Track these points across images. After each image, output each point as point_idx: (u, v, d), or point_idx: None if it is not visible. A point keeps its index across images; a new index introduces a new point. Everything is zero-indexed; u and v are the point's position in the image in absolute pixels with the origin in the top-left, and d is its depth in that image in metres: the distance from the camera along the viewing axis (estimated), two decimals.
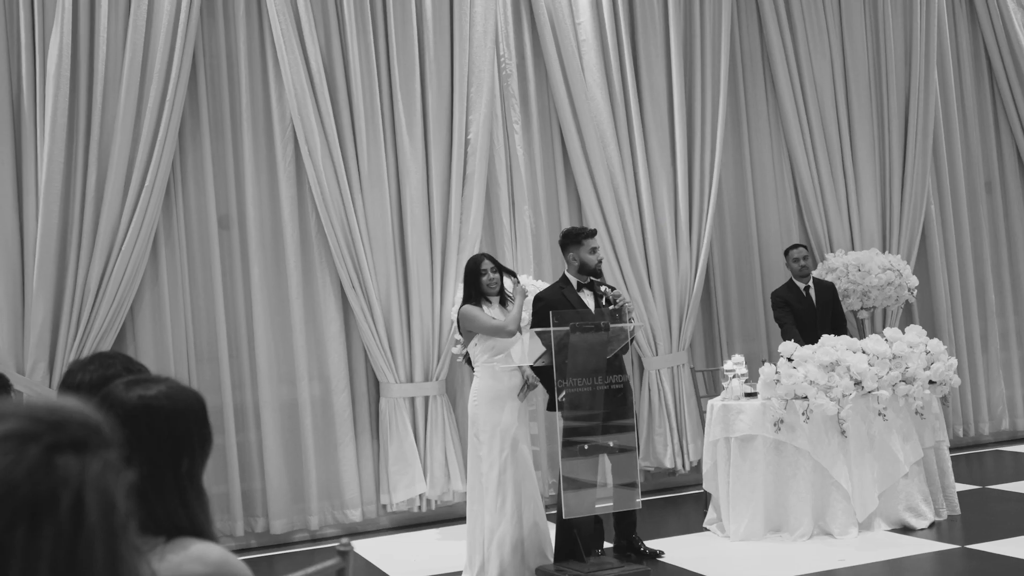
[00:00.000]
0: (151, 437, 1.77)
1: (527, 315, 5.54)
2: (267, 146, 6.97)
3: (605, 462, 5.34)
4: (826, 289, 7.42)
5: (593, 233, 5.65)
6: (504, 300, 5.44)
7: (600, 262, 5.61)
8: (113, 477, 1.00)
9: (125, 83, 6.46)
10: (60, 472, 0.97)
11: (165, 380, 1.85)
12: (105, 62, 6.44)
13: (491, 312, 5.34)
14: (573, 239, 5.61)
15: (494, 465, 5.22)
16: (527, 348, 5.22)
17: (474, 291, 5.36)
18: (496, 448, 5.22)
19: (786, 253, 7.56)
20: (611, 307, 5.29)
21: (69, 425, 1.00)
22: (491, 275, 5.33)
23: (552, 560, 5.26)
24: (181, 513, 1.76)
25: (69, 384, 2.34)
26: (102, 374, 2.32)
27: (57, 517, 0.95)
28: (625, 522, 5.71)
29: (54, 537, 0.95)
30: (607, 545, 5.77)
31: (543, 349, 5.07)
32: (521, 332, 5.44)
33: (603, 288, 5.47)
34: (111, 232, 6.45)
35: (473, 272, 5.38)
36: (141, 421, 1.77)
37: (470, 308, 5.33)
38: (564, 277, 5.65)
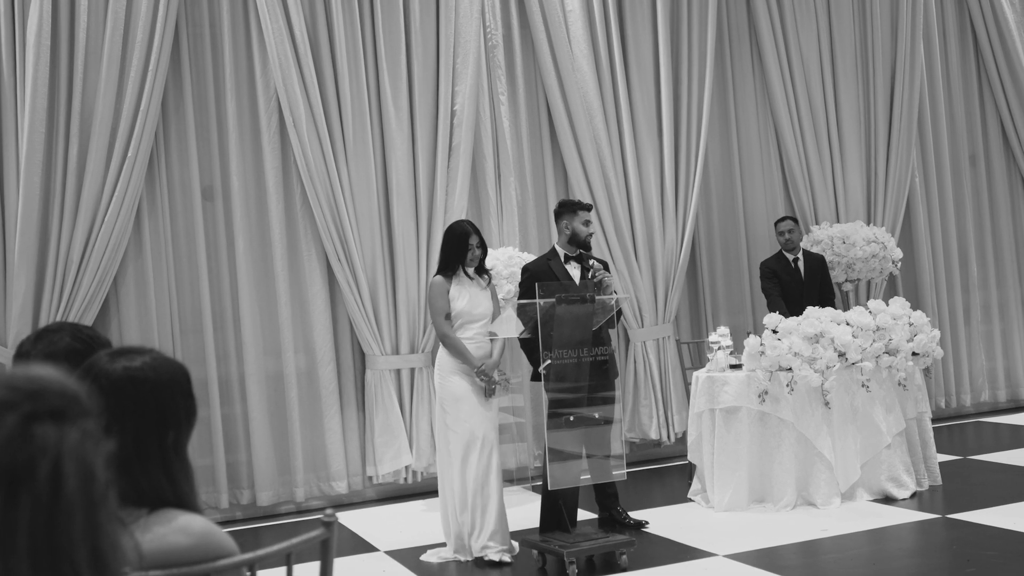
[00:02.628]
0: (136, 409, 1.76)
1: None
2: (251, 117, 6.92)
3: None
4: (815, 261, 7.44)
5: (589, 207, 5.69)
6: (482, 270, 5.38)
7: (590, 236, 5.62)
8: (92, 446, 1.00)
9: (107, 53, 6.39)
10: (38, 441, 0.96)
11: (150, 351, 1.84)
12: (86, 31, 6.36)
13: (460, 287, 5.26)
14: (569, 208, 5.63)
15: (460, 435, 5.21)
16: (511, 322, 5.21)
17: (453, 260, 5.27)
18: (461, 418, 5.21)
19: (775, 225, 7.59)
20: (593, 279, 5.28)
21: (47, 394, 0.99)
22: (476, 252, 5.28)
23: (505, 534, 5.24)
24: (165, 485, 1.75)
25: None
26: (52, 350, 2.30)
27: (35, 486, 0.95)
28: (606, 494, 5.73)
29: (32, 506, 0.94)
30: (591, 516, 5.80)
31: (524, 324, 5.05)
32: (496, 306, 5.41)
33: (592, 261, 5.47)
34: (94, 203, 6.40)
35: (460, 242, 5.26)
36: (126, 393, 1.76)
37: (439, 285, 5.26)
38: (553, 249, 5.65)
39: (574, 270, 5.51)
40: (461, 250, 5.25)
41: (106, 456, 1.02)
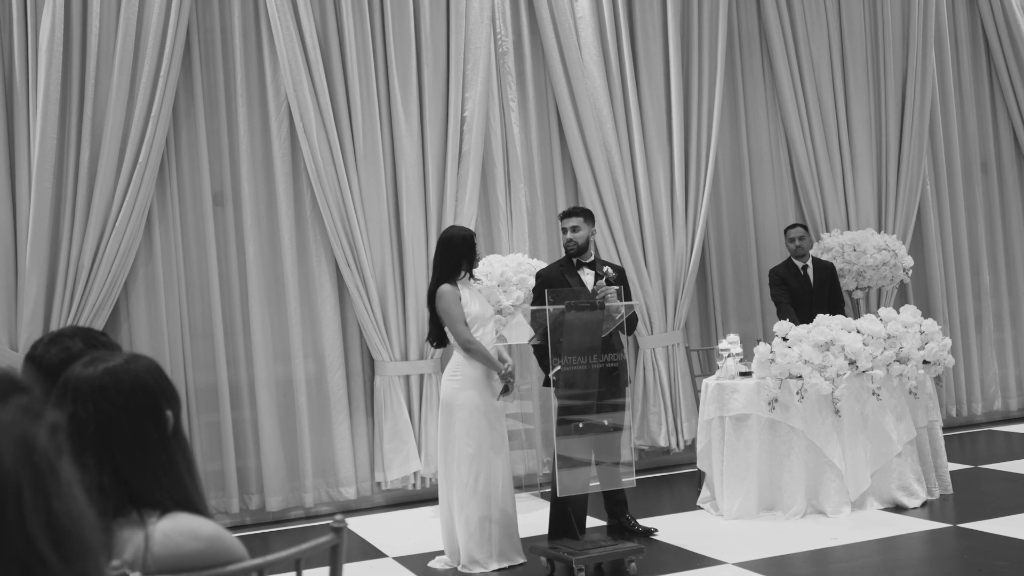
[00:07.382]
0: (125, 412, 1.75)
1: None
2: (262, 123, 6.94)
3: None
4: (824, 269, 7.42)
5: (563, 215, 5.63)
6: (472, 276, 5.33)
7: (571, 243, 5.50)
8: (31, 418, 1.00)
9: (118, 59, 6.41)
10: None
11: (118, 356, 1.82)
12: (98, 37, 6.39)
13: (468, 292, 5.22)
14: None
15: (470, 442, 5.15)
16: (521, 328, 5.20)
17: (458, 265, 5.21)
18: (474, 425, 5.16)
19: (785, 232, 7.58)
20: (597, 293, 5.22)
21: None
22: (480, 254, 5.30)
23: (518, 548, 5.21)
24: (175, 489, 1.75)
25: (36, 361, 2.33)
26: (66, 355, 2.29)
27: None
28: (615, 501, 5.71)
29: None
30: (600, 523, 5.79)
31: (535, 330, 5.03)
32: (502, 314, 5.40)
33: (606, 268, 5.45)
34: (105, 209, 6.42)
35: (468, 245, 5.21)
36: (108, 398, 1.76)
37: (451, 293, 5.17)
38: (567, 255, 5.66)
39: (587, 276, 5.50)
40: (470, 254, 5.23)
41: (51, 426, 1.01)
